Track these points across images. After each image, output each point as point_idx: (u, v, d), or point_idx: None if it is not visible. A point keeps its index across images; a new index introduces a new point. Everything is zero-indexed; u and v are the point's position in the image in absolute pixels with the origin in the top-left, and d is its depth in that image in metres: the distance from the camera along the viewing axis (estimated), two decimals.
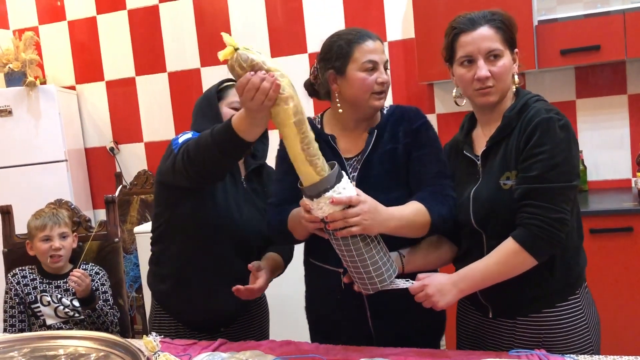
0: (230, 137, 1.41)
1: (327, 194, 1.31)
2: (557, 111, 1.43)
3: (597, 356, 1.38)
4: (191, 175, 1.56)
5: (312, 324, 1.76)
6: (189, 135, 1.68)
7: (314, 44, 3.61)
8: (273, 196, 1.66)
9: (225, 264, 1.79)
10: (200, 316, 1.85)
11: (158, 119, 4.12)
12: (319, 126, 1.66)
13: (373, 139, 1.59)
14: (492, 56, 1.46)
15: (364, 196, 1.37)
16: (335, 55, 1.55)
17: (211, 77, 3.93)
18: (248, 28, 3.82)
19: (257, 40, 3.79)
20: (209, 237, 1.77)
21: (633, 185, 3.14)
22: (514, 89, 1.53)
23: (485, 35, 1.46)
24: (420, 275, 1.44)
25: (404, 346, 1.48)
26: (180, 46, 3.99)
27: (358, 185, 1.50)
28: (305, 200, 1.36)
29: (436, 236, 1.60)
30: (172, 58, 4.03)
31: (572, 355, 1.34)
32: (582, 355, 1.38)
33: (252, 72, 1.30)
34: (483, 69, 1.45)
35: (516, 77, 1.52)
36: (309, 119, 1.67)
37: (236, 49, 1.30)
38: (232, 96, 1.83)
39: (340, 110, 1.60)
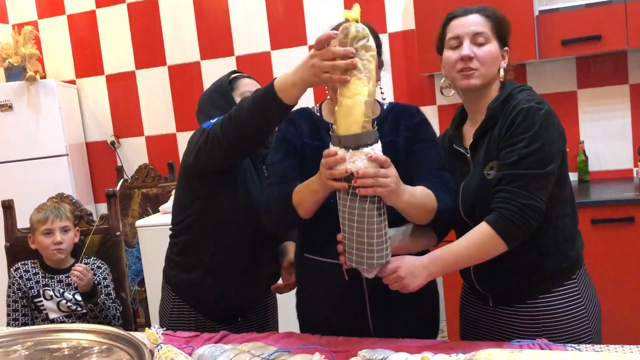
0: (273, 98, 1.41)
1: (366, 149, 1.28)
2: (540, 100, 1.45)
3: (598, 345, 1.38)
4: (226, 148, 1.54)
5: (303, 321, 1.72)
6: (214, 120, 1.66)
7: (314, 35, 3.59)
8: (274, 175, 1.59)
9: (256, 253, 1.82)
10: (227, 305, 1.85)
11: (159, 112, 4.12)
12: (319, 114, 1.66)
13: None
14: (479, 40, 1.49)
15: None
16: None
17: (211, 70, 3.93)
18: (248, 20, 3.81)
19: (256, 32, 3.79)
20: (241, 226, 1.78)
21: (634, 175, 3.14)
22: (500, 83, 1.55)
23: (474, 21, 1.51)
24: (389, 259, 1.41)
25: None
26: (180, 39, 3.99)
27: None
28: (338, 150, 1.30)
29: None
30: (172, 51, 4.03)
31: (573, 345, 1.35)
32: (584, 345, 1.39)
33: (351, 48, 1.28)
34: (466, 48, 1.49)
35: (502, 71, 1.53)
36: (308, 109, 1.68)
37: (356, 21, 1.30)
38: (243, 86, 1.87)
39: (329, 98, 1.62)
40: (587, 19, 2.89)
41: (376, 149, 1.30)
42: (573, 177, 3.27)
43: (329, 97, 1.64)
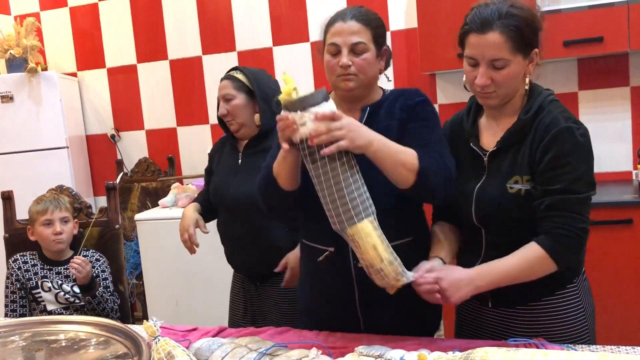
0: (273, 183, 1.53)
1: (313, 109, 1.29)
2: (575, 119, 1.41)
3: (594, 345, 1.39)
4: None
5: (301, 308, 1.75)
6: None
7: (316, 32, 3.59)
8: (267, 164, 1.62)
9: (228, 228, 2.18)
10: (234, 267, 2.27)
11: (159, 106, 4.12)
12: None
13: (365, 117, 1.57)
14: (497, 65, 1.38)
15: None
16: (322, 34, 1.60)
17: (213, 64, 3.92)
18: (250, 15, 3.81)
19: (259, 28, 3.78)
20: (217, 208, 2.23)
21: (634, 177, 3.14)
22: (528, 85, 1.48)
23: (492, 43, 1.37)
24: (435, 267, 1.39)
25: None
26: (182, 33, 3.98)
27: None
28: (287, 114, 1.32)
29: (447, 226, 1.59)
30: (174, 45, 4.02)
31: (570, 345, 1.35)
32: (580, 345, 1.39)
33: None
34: (482, 77, 1.40)
35: (527, 78, 1.45)
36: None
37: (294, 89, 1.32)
38: (220, 89, 2.16)
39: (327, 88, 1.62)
40: (589, 20, 2.88)
41: (324, 108, 1.30)
42: None
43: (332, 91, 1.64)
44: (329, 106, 1.31)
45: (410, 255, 1.48)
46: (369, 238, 1.32)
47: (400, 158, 1.40)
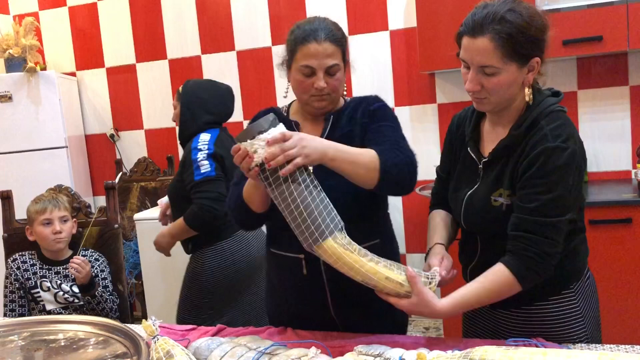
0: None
1: (262, 136, 1.31)
2: (568, 134, 1.33)
3: (593, 344, 1.39)
4: None
5: (271, 315, 1.75)
6: None
7: None
8: (235, 176, 1.66)
9: None
10: None
11: (158, 106, 4.12)
12: (285, 114, 1.69)
13: (329, 125, 1.60)
14: (487, 71, 1.33)
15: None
16: (287, 48, 1.57)
17: (212, 64, 3.92)
18: (249, 15, 3.81)
19: (258, 27, 3.78)
20: None
21: (633, 176, 3.15)
22: (529, 96, 1.41)
23: (481, 49, 1.31)
24: (416, 288, 1.34)
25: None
26: (181, 33, 3.98)
27: (314, 169, 1.49)
28: (240, 145, 1.34)
29: (444, 212, 1.61)
30: (173, 45, 4.02)
31: (569, 345, 1.35)
32: (579, 344, 1.39)
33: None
34: (471, 82, 1.36)
35: (527, 90, 1.38)
36: (276, 109, 1.71)
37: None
38: None
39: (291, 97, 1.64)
40: (588, 19, 2.89)
41: (273, 133, 1.32)
42: None
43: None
44: (278, 130, 1.33)
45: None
46: (336, 256, 1.32)
47: (360, 160, 1.40)
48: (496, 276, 1.35)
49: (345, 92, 1.68)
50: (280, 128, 1.34)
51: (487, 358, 1.09)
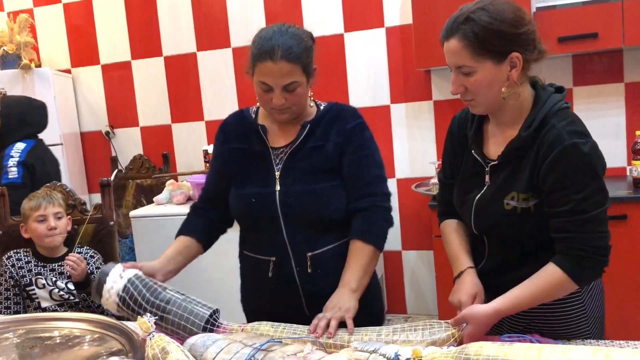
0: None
1: (106, 287, 1.48)
2: (581, 132, 1.31)
3: (588, 340, 1.39)
4: None
5: (247, 315, 1.76)
6: None
7: (311, 28, 3.57)
8: (201, 196, 1.77)
9: None
10: None
11: (154, 103, 4.11)
12: (254, 115, 1.69)
13: (305, 133, 1.59)
14: (464, 71, 1.33)
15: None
16: (249, 56, 1.53)
17: (208, 61, 3.92)
18: (245, 12, 3.80)
19: (254, 24, 3.77)
20: None
21: (628, 173, 3.16)
22: (531, 89, 1.39)
23: (453, 50, 1.33)
24: (464, 313, 1.33)
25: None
26: (177, 30, 3.97)
27: (282, 175, 1.55)
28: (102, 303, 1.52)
29: (456, 222, 1.58)
30: (169, 42, 4.01)
31: (563, 341, 1.35)
32: (574, 340, 1.40)
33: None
34: (453, 84, 1.37)
35: (511, 85, 1.34)
36: (244, 111, 1.71)
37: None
38: None
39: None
40: (583, 16, 2.89)
41: (114, 281, 1.49)
42: None
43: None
44: (116, 272, 1.50)
45: (338, 257, 1.57)
46: None
47: (369, 264, 1.54)
48: (551, 277, 1.32)
49: (311, 96, 1.64)
50: (117, 270, 1.50)
51: (483, 354, 1.09)
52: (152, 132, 4.14)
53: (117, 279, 1.49)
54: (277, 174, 1.57)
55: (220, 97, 3.94)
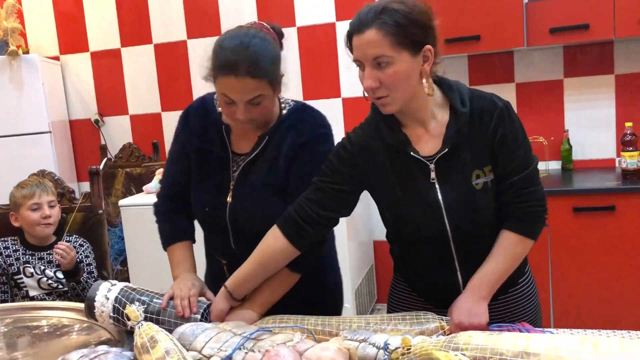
0: None
1: (97, 303, 1.43)
2: (496, 95, 1.42)
3: (576, 330, 1.41)
4: None
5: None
6: None
7: (303, 18, 3.56)
8: (163, 183, 1.74)
9: None
10: None
11: (144, 91, 4.07)
12: (220, 113, 1.59)
13: (261, 146, 1.52)
14: (381, 62, 1.29)
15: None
16: (210, 64, 1.44)
17: (198, 49, 3.88)
18: (236, 1, 3.77)
19: (244, 12, 3.75)
20: None
21: (617, 164, 3.18)
22: (430, 88, 1.36)
23: (371, 40, 1.28)
24: (452, 317, 1.36)
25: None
26: (167, 17, 3.93)
27: (236, 185, 1.53)
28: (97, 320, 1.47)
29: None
30: (159, 29, 3.97)
31: (550, 330, 1.37)
32: (561, 329, 1.41)
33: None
34: (369, 78, 1.30)
35: (425, 80, 1.33)
36: (207, 101, 1.64)
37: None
38: None
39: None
40: (575, 7, 2.89)
41: (102, 299, 1.45)
42: (557, 165, 3.29)
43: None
44: (102, 291, 1.45)
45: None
46: None
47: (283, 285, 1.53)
48: (506, 244, 1.39)
49: (281, 100, 1.58)
50: (102, 291, 1.45)
51: (472, 343, 1.10)
52: (142, 121, 4.11)
53: (105, 292, 1.46)
54: (232, 183, 1.54)
55: (210, 85, 3.90)
